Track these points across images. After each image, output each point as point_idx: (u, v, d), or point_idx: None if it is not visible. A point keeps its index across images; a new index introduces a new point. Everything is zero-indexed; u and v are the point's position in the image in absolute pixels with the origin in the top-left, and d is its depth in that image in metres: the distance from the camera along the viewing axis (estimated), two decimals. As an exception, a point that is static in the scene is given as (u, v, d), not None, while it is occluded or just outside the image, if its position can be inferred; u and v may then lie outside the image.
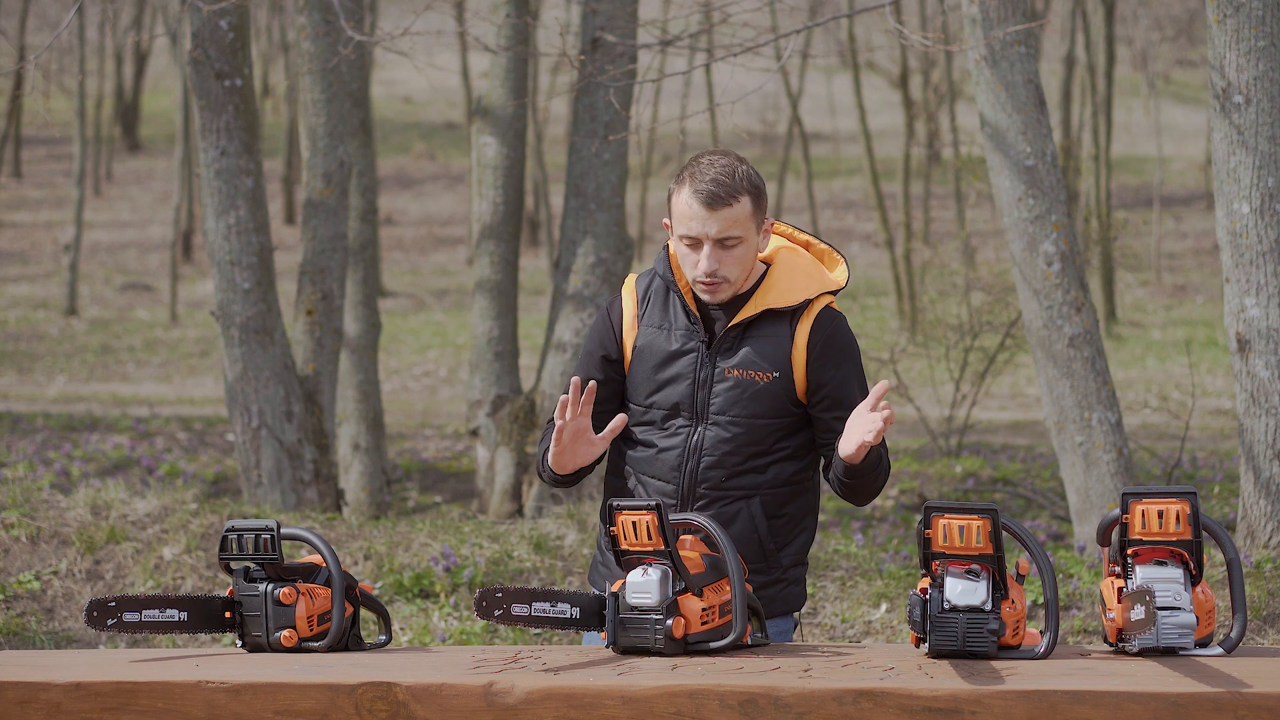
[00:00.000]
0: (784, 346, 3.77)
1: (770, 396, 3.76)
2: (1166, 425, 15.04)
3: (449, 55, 32.70)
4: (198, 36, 8.56)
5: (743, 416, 3.76)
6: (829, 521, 10.61)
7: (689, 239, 3.73)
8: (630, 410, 3.85)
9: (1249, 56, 6.56)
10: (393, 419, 15.03)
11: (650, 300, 3.85)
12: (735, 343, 3.78)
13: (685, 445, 3.78)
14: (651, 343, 3.82)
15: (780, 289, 3.78)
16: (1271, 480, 6.62)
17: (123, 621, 3.51)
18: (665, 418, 3.81)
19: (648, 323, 3.83)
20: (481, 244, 10.30)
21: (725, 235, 3.70)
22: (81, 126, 26.47)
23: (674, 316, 3.82)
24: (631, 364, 3.84)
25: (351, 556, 7.23)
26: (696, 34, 9.77)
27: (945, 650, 3.30)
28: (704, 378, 3.78)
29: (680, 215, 3.73)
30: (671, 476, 3.79)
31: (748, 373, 3.76)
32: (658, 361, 3.80)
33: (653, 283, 3.87)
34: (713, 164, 3.72)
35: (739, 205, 3.70)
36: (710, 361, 3.78)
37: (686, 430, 3.79)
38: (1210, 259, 28.30)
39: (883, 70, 29.32)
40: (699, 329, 3.79)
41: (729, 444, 3.77)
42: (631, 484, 3.85)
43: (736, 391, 3.76)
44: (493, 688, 3.15)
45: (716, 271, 3.71)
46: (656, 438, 3.82)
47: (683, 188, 3.73)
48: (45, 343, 23.58)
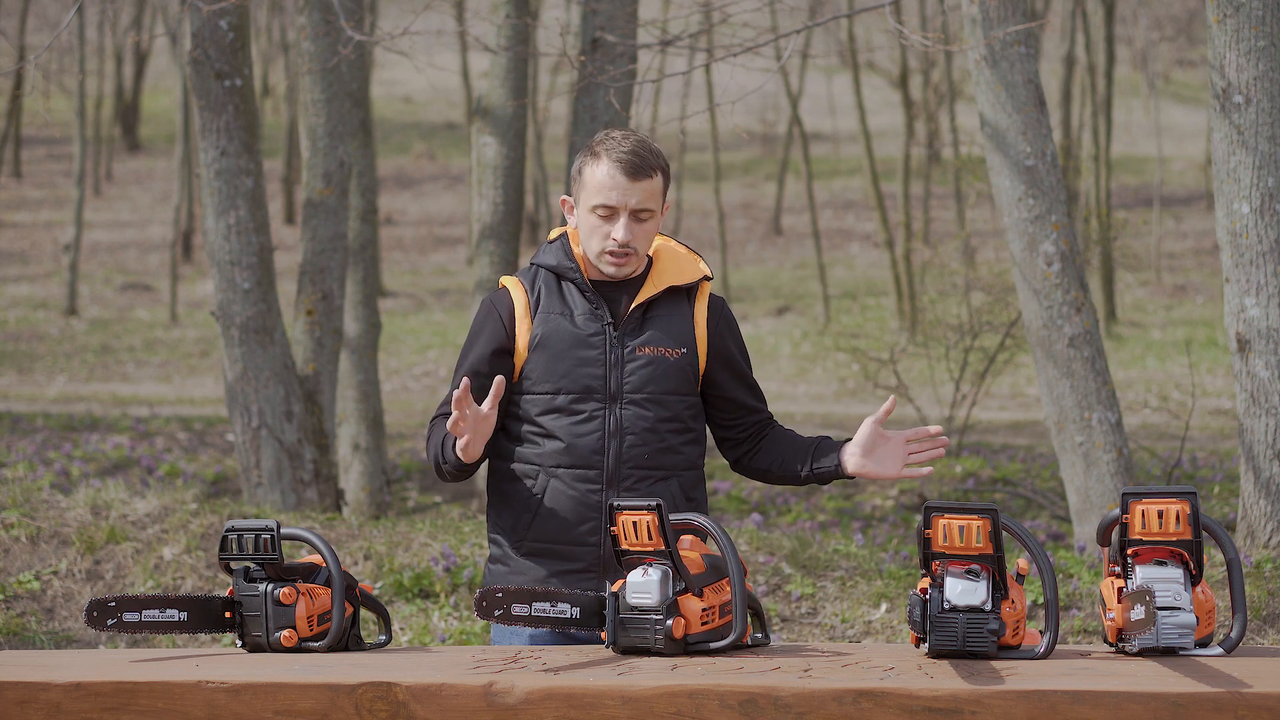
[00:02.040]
0: (686, 323, 3.85)
1: (680, 372, 3.82)
2: (1166, 425, 15.05)
3: (449, 55, 32.73)
4: (198, 36, 8.56)
5: (658, 393, 3.80)
6: (829, 521, 10.61)
7: (604, 208, 3.77)
8: (528, 402, 3.82)
9: (1249, 56, 6.56)
10: (393, 419, 15.04)
11: (540, 291, 3.86)
12: (639, 323, 3.83)
13: (604, 428, 3.78)
14: (555, 329, 3.81)
15: (674, 270, 3.87)
16: (1271, 480, 6.62)
17: (123, 621, 3.51)
18: (574, 401, 3.79)
19: (545, 310, 3.83)
20: (481, 244, 10.31)
21: (642, 206, 3.77)
22: (81, 126, 26.48)
23: (572, 301, 3.84)
24: (531, 355, 3.82)
25: (351, 556, 7.23)
26: (696, 34, 9.76)
27: (945, 650, 3.30)
28: (615, 358, 3.80)
29: (597, 185, 3.77)
30: (594, 461, 3.78)
31: (659, 349, 3.81)
32: (564, 347, 3.80)
33: (538, 276, 3.88)
34: (626, 138, 3.80)
35: (655, 180, 3.79)
36: (620, 341, 3.81)
37: (601, 414, 3.79)
38: (1210, 259, 28.31)
39: (883, 70, 29.32)
40: (602, 311, 3.82)
41: (648, 422, 3.79)
42: (540, 483, 3.80)
43: (650, 369, 3.80)
44: (493, 688, 3.15)
45: (629, 243, 3.77)
46: (563, 426, 3.79)
47: (599, 160, 3.78)
48: (45, 343, 23.58)
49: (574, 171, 3.87)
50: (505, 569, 3.86)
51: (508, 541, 3.86)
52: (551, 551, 3.80)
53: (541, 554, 3.81)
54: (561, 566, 3.80)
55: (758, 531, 7.79)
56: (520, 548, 3.83)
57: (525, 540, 3.82)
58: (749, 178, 37.76)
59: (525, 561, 3.82)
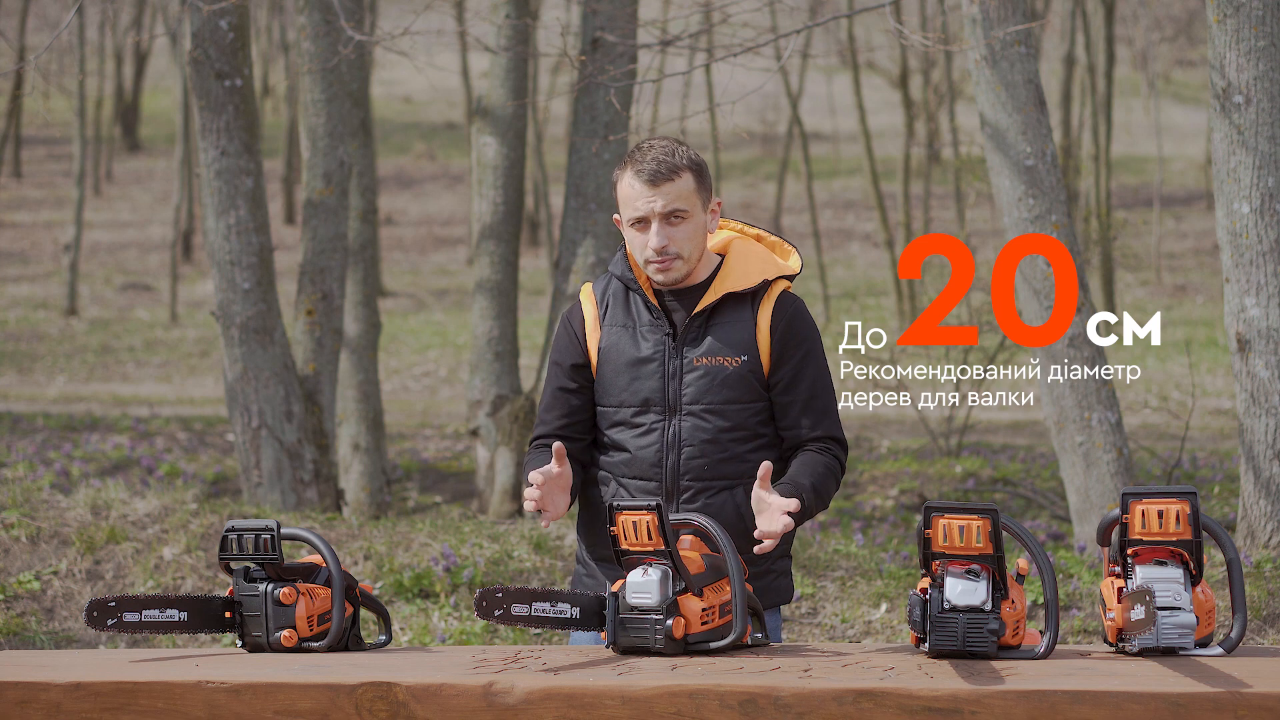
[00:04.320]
0: (748, 330, 3.81)
1: (740, 380, 3.79)
2: (1166, 425, 15.04)
3: (449, 55, 32.71)
4: (198, 36, 8.56)
5: (716, 403, 3.79)
6: (829, 521, 10.61)
7: (637, 220, 3.78)
8: (600, 414, 3.87)
9: (1249, 56, 6.56)
10: (393, 419, 15.04)
11: (610, 303, 3.88)
12: (700, 332, 3.81)
13: (662, 440, 3.80)
14: (617, 342, 3.84)
15: (737, 274, 3.83)
16: (1271, 480, 6.62)
17: (123, 621, 3.51)
18: (636, 414, 3.81)
19: (610, 323, 3.86)
20: (481, 244, 10.31)
21: (671, 209, 3.75)
22: (81, 126, 26.48)
23: (636, 313, 3.85)
24: (599, 367, 3.85)
25: (351, 556, 7.23)
26: (696, 34, 9.76)
27: (945, 650, 3.30)
28: (673, 370, 3.80)
29: (626, 199, 3.79)
30: (653, 474, 3.80)
31: (715, 359, 3.79)
32: (625, 359, 3.82)
33: (609, 286, 3.90)
34: (653, 146, 3.81)
35: (681, 180, 3.77)
36: (678, 353, 3.81)
37: (660, 425, 3.80)
38: (1210, 259, 28.30)
39: (883, 70, 29.32)
40: (662, 322, 3.83)
41: (707, 433, 3.78)
42: (611, 490, 3.85)
43: (706, 380, 3.79)
44: (493, 688, 3.15)
45: (666, 248, 3.76)
46: (629, 438, 3.82)
47: (625, 173, 3.80)
48: (45, 343, 23.58)
49: (612, 186, 3.91)
50: (583, 571, 3.93)
51: (585, 545, 3.93)
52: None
53: (610, 559, 3.82)
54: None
55: (758, 531, 7.77)
56: (594, 552, 3.90)
57: (597, 545, 3.88)
58: (749, 178, 37.76)
59: (597, 565, 3.88)
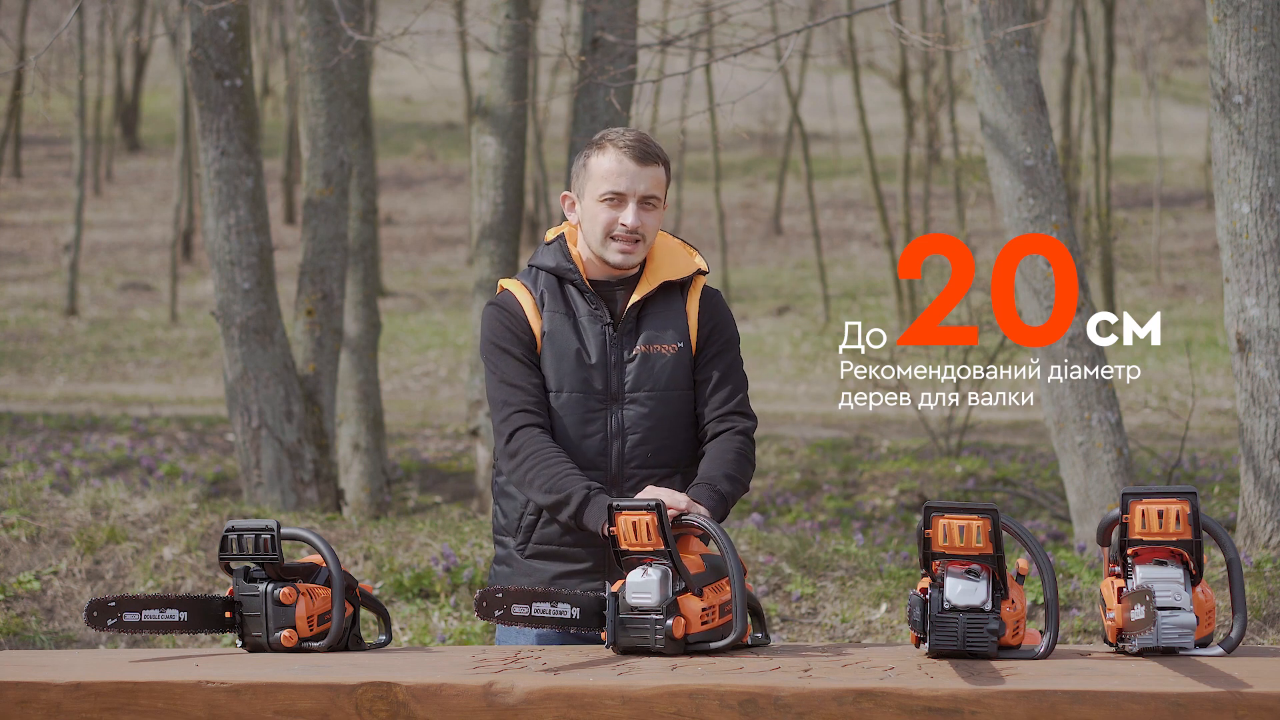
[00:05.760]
0: (680, 318, 3.86)
1: (677, 367, 3.83)
2: (1166, 425, 15.04)
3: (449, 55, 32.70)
4: (198, 36, 8.56)
5: (657, 390, 3.81)
6: (829, 521, 10.61)
7: (614, 195, 3.79)
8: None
9: (1249, 56, 6.56)
10: (393, 419, 15.04)
11: (545, 293, 3.87)
12: (636, 321, 3.84)
13: (605, 429, 3.80)
14: (559, 329, 3.84)
15: (668, 265, 3.89)
16: (1271, 480, 6.62)
17: (123, 621, 3.51)
18: (578, 402, 3.80)
19: (551, 309, 3.85)
20: (481, 244, 10.30)
21: (649, 194, 3.81)
22: (81, 126, 26.48)
23: (574, 303, 3.85)
24: (543, 351, 3.84)
25: (351, 556, 7.23)
26: (696, 34, 9.76)
27: (945, 650, 3.30)
28: (615, 359, 3.82)
29: (605, 173, 3.80)
30: (599, 461, 3.79)
31: (654, 347, 3.83)
32: (567, 347, 3.82)
33: (539, 279, 3.89)
34: (628, 131, 3.85)
35: (660, 169, 3.84)
36: (618, 342, 3.82)
37: (603, 413, 3.80)
38: (1210, 259, 28.30)
39: (883, 70, 29.32)
40: (602, 312, 3.84)
41: (650, 419, 3.79)
42: None
43: (646, 367, 3.81)
44: (493, 688, 3.15)
45: (639, 229, 3.79)
46: (571, 425, 3.80)
47: (605, 150, 3.82)
48: (45, 343, 23.58)
49: (577, 166, 3.89)
50: (509, 570, 3.85)
51: (513, 543, 3.85)
52: (557, 553, 3.79)
53: (547, 555, 3.80)
54: (566, 568, 3.79)
55: (758, 531, 7.79)
56: (525, 549, 3.83)
57: (530, 542, 3.82)
58: (749, 178, 37.76)
59: (530, 563, 3.82)
